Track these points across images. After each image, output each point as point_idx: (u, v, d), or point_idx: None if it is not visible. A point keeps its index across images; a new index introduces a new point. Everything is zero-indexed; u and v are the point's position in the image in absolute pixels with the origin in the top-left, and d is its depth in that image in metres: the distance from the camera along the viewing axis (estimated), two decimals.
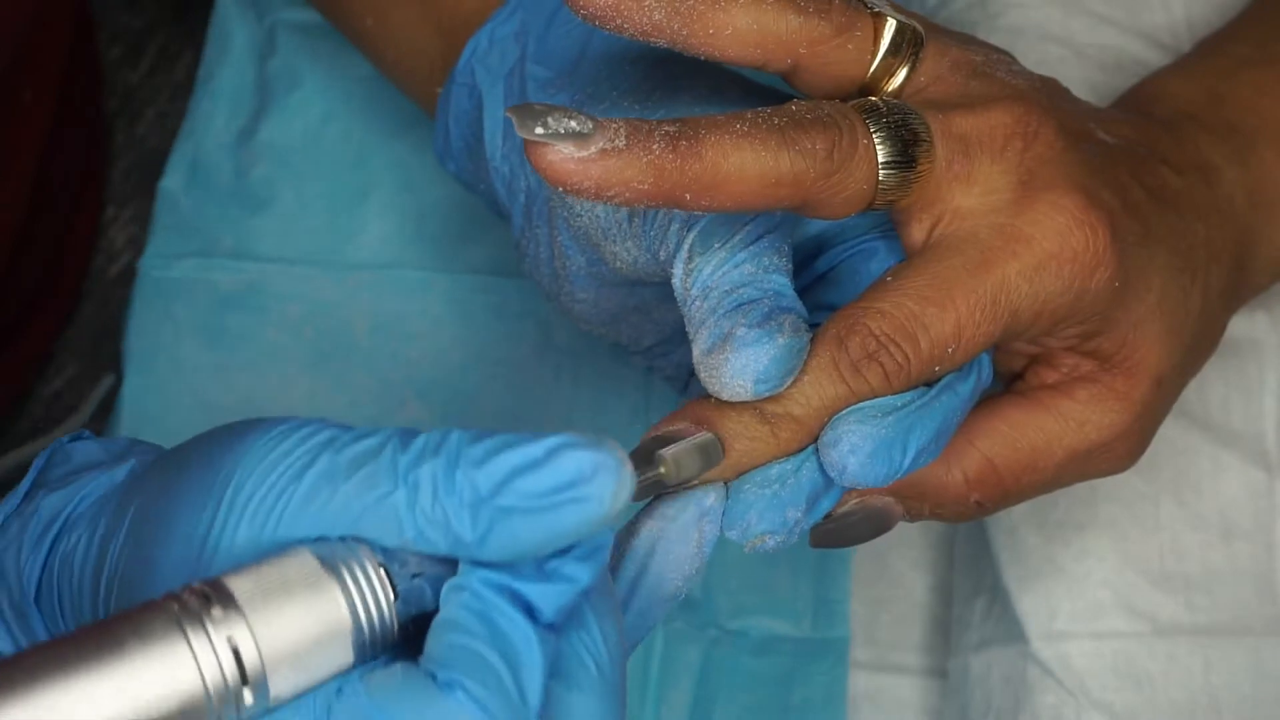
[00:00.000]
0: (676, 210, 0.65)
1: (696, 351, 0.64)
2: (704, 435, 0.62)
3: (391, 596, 0.55)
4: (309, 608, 0.54)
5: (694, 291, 0.65)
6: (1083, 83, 0.87)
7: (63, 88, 1.01)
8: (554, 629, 0.55)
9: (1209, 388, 0.85)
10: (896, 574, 0.92)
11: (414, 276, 0.96)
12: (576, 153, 0.61)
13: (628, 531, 0.63)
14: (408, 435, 0.55)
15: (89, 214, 1.07)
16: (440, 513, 0.54)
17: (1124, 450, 0.72)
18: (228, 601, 0.53)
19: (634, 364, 0.78)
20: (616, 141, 0.61)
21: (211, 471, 0.56)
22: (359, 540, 0.55)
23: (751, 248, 0.65)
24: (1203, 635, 0.82)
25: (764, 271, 0.65)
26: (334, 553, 0.55)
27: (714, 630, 0.91)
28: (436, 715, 0.53)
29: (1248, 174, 0.77)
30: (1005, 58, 0.72)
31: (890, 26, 0.68)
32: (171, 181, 0.99)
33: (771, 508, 0.63)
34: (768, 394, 0.63)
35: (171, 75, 1.11)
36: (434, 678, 0.53)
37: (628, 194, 0.62)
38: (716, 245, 0.66)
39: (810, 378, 0.64)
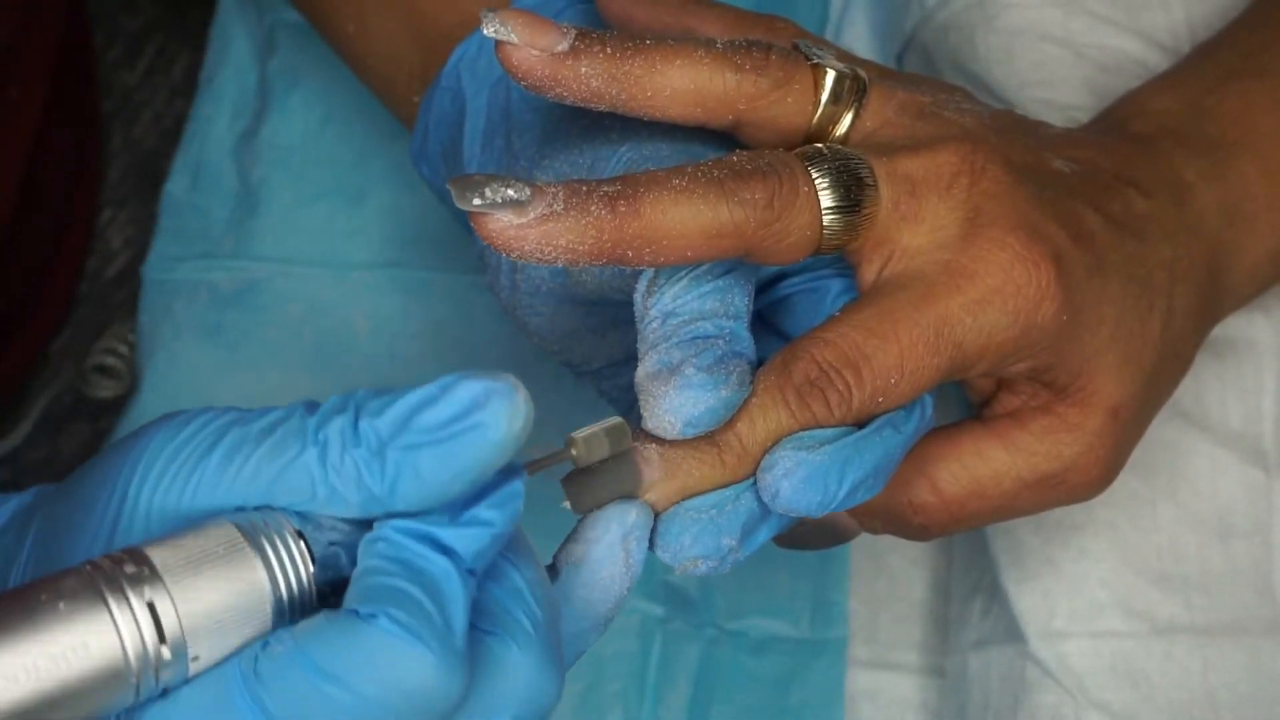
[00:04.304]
0: None
1: (640, 372, 0.64)
2: (613, 419, 0.62)
3: (310, 564, 0.56)
4: (229, 576, 0.54)
5: (653, 312, 0.65)
6: (1082, 83, 0.87)
7: (53, 84, 1.01)
8: (475, 576, 0.56)
9: (1207, 388, 0.85)
10: (896, 573, 0.92)
11: (414, 276, 0.96)
12: (516, 220, 0.62)
13: (556, 557, 0.63)
14: (312, 403, 0.56)
15: (82, 215, 1.07)
16: (350, 465, 0.55)
17: (1080, 481, 0.72)
18: (146, 568, 0.53)
19: (581, 384, 0.78)
20: (554, 206, 0.62)
21: (119, 460, 0.57)
22: (275, 509, 0.56)
23: (718, 281, 0.66)
24: (1201, 635, 0.82)
25: (726, 309, 0.65)
26: (253, 522, 0.55)
27: (712, 630, 0.92)
28: (362, 645, 0.53)
29: (1226, 189, 0.77)
30: (956, 96, 0.73)
31: (829, 76, 0.69)
32: (175, 186, 0.99)
33: (706, 533, 0.63)
34: (690, 437, 0.63)
35: (169, 76, 1.11)
36: (357, 613, 0.54)
37: (569, 255, 0.63)
38: (684, 271, 0.66)
39: (757, 405, 0.65)
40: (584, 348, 0.75)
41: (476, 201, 0.62)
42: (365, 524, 0.56)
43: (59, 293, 1.06)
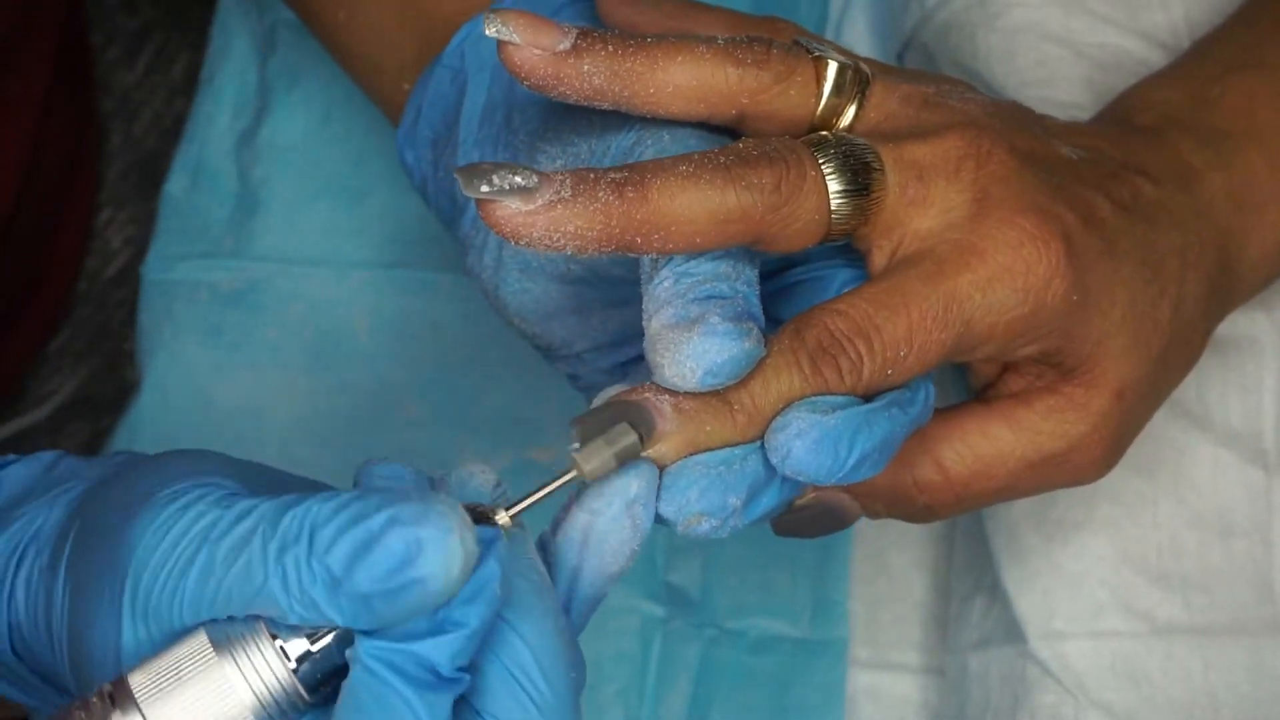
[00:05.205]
0: None
1: (656, 324, 0.64)
2: (619, 427, 0.62)
3: (288, 667, 0.57)
4: (203, 691, 0.57)
5: (665, 271, 0.65)
6: (1082, 82, 0.87)
7: (52, 80, 1.01)
8: (464, 672, 0.57)
9: (1208, 387, 0.85)
10: (896, 572, 0.92)
11: (414, 276, 0.96)
12: (524, 207, 0.62)
13: (560, 524, 0.63)
14: (279, 514, 0.57)
15: (80, 212, 1.07)
16: (309, 599, 0.56)
17: (1083, 461, 0.72)
18: (128, 700, 0.56)
19: (556, 368, 0.78)
20: (562, 193, 0.63)
21: (111, 565, 0.59)
22: (257, 616, 0.58)
23: (730, 250, 0.66)
24: (1201, 634, 0.82)
25: (738, 276, 0.65)
26: (228, 631, 0.57)
27: (712, 630, 0.92)
28: None
29: (1231, 177, 0.77)
30: (959, 87, 0.73)
31: (831, 69, 0.69)
32: (175, 185, 0.99)
33: (714, 488, 0.63)
34: (708, 388, 0.63)
35: (168, 76, 1.11)
36: None
37: (578, 242, 0.63)
38: None
39: (771, 366, 0.65)
40: (565, 329, 0.74)
41: (484, 189, 0.62)
42: None
43: (56, 291, 1.06)
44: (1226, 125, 0.78)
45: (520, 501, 0.61)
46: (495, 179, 0.62)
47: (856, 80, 0.70)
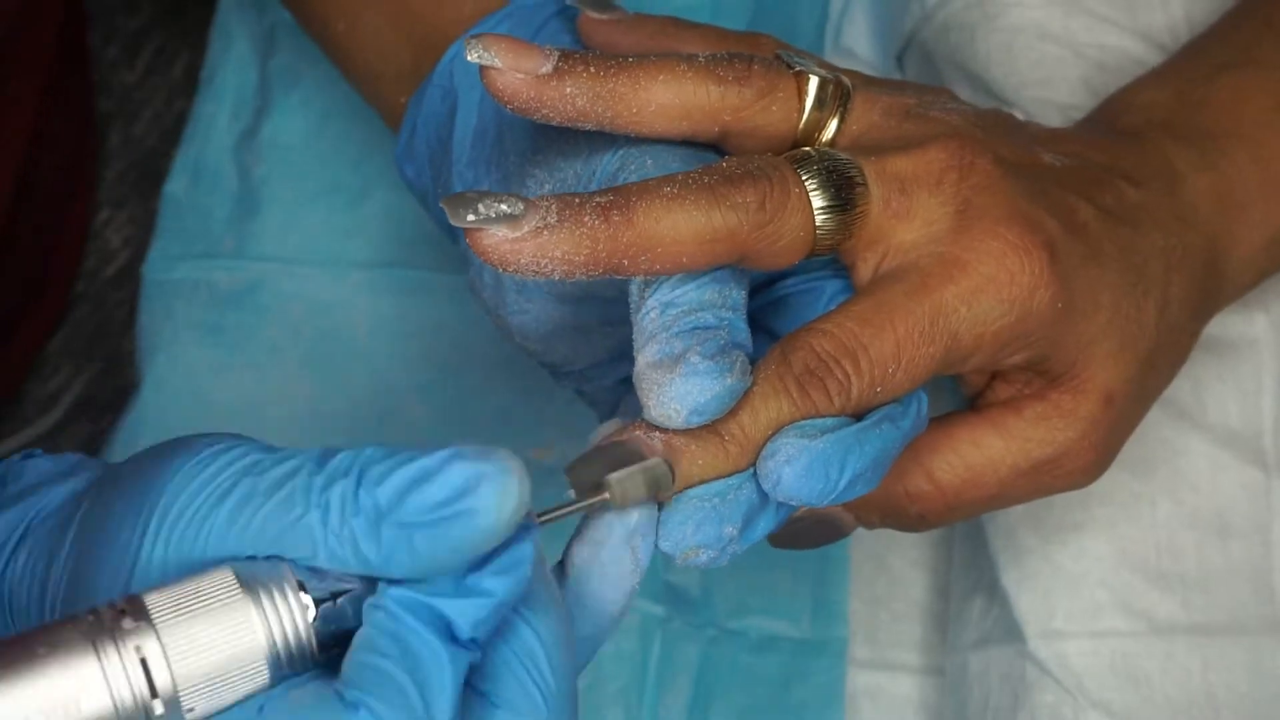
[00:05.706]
0: None
1: (641, 362, 0.64)
2: (653, 460, 0.63)
3: (309, 615, 0.56)
4: (222, 624, 0.55)
5: (650, 302, 0.65)
6: (1081, 82, 0.87)
7: (51, 80, 1.01)
8: (476, 644, 0.56)
9: (1206, 387, 0.85)
10: (896, 573, 0.92)
11: (414, 276, 0.96)
12: (511, 234, 0.63)
13: (563, 561, 0.63)
14: (326, 456, 0.57)
15: (79, 213, 1.07)
16: (348, 532, 0.55)
17: (1075, 467, 0.72)
18: (142, 616, 0.55)
19: (561, 385, 0.78)
20: (549, 219, 0.63)
21: (141, 493, 0.58)
22: (283, 559, 0.56)
23: (716, 273, 0.66)
24: (1200, 634, 0.82)
25: (724, 301, 0.66)
26: (254, 571, 0.56)
27: (713, 630, 0.92)
28: None
29: (1219, 177, 0.77)
30: (941, 96, 0.73)
31: (812, 83, 0.70)
32: (175, 186, 0.99)
33: (710, 521, 0.63)
34: (694, 425, 0.63)
35: (168, 75, 1.11)
36: (341, 697, 0.55)
37: (565, 267, 0.63)
38: None
39: (758, 394, 0.65)
40: (567, 347, 0.75)
41: (470, 218, 0.63)
42: (373, 578, 0.57)
43: (56, 291, 1.06)
44: (1213, 125, 0.79)
45: (549, 513, 0.61)
46: (481, 207, 0.63)
47: (838, 94, 0.70)
